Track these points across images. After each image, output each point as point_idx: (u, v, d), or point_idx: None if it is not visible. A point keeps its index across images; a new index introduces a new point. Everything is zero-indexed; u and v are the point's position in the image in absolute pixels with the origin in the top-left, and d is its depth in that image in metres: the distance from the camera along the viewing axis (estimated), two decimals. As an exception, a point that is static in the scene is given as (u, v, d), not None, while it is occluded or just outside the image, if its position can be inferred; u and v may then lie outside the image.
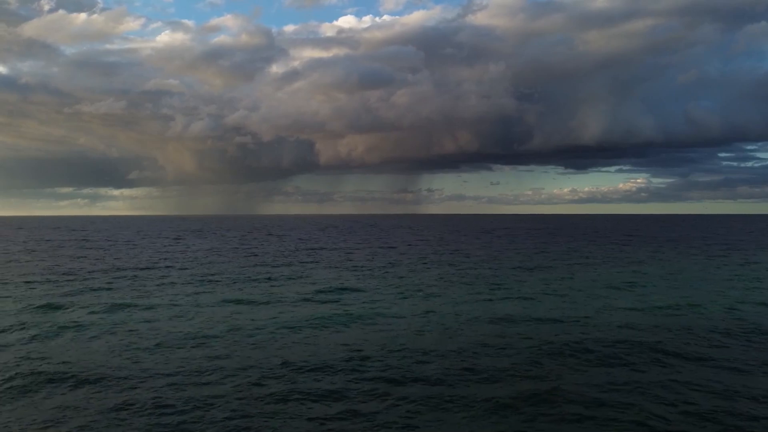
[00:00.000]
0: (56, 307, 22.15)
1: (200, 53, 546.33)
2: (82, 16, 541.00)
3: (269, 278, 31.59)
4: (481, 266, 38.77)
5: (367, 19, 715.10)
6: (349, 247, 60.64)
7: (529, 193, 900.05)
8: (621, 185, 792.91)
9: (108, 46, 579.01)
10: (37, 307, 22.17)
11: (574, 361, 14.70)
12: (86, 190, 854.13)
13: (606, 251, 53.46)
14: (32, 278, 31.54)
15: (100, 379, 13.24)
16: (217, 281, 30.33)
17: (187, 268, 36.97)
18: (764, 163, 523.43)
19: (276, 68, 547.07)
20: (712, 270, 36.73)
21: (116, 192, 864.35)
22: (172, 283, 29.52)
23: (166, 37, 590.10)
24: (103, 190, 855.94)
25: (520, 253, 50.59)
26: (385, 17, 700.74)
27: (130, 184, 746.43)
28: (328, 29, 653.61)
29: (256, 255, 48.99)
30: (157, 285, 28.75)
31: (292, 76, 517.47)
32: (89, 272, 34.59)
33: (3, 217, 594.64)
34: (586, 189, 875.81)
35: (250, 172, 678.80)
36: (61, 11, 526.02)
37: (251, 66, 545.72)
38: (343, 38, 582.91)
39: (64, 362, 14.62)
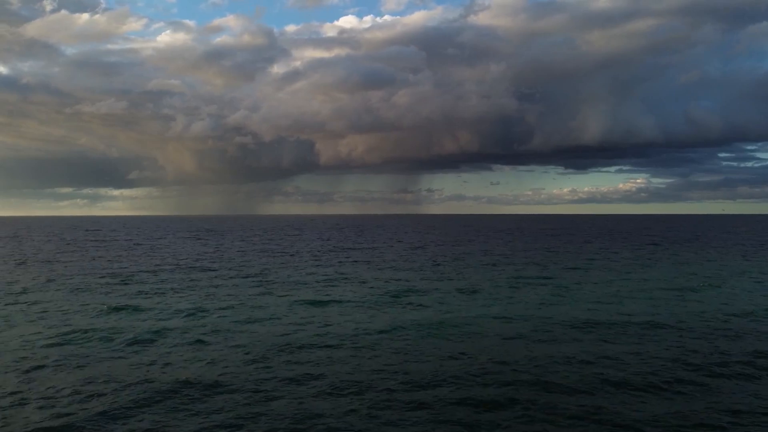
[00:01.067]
0: (137, 309, 21.91)
1: (202, 53, 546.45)
2: (85, 16, 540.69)
3: (329, 279, 31.42)
4: (529, 267, 38.61)
5: (368, 19, 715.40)
6: (377, 246, 60.40)
7: (529, 193, 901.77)
8: (621, 185, 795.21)
9: (109, 46, 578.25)
10: (116, 308, 21.96)
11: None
12: (86, 191, 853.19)
13: (644, 252, 53.36)
14: (91, 279, 31.34)
15: (255, 389, 13.06)
16: (281, 282, 30.12)
17: (234, 268, 36.76)
18: (764, 164, 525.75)
19: (277, 68, 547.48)
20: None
21: (116, 192, 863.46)
22: (234, 284, 29.26)
23: (167, 38, 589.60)
24: (103, 191, 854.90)
25: (559, 254, 50.37)
26: (386, 17, 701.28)
27: (130, 184, 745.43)
28: (329, 29, 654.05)
29: (292, 255, 48.78)
30: (218, 286, 28.54)
31: (294, 76, 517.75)
32: (138, 272, 34.38)
33: (3, 217, 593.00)
34: (586, 189, 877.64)
35: (250, 172, 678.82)
36: (63, 11, 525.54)
37: (253, 66, 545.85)
38: (345, 38, 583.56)
39: (189, 368, 14.45)
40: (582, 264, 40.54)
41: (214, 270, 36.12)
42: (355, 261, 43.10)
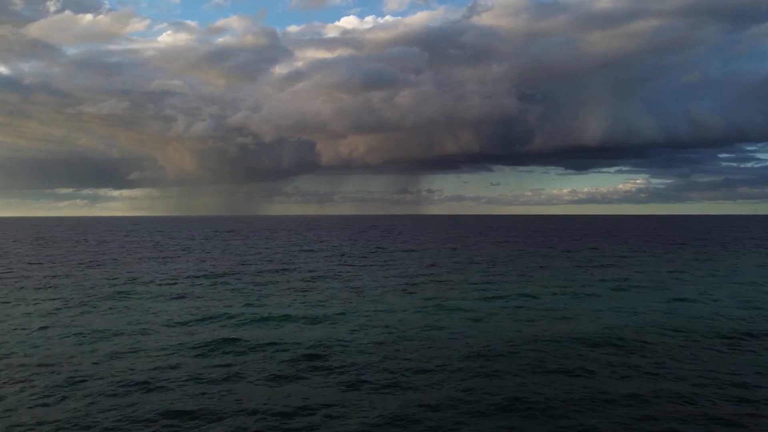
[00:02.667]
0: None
1: (204, 54, 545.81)
2: (88, 17, 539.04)
3: (410, 282, 31.31)
4: (611, 269, 38.61)
5: (370, 20, 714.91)
6: (415, 248, 60.27)
7: (529, 193, 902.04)
8: (621, 186, 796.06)
9: (110, 47, 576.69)
10: (245, 304, 21.86)
11: None
12: (86, 191, 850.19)
13: (674, 253, 53.47)
14: (168, 282, 31.25)
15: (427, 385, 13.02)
16: (369, 285, 30.07)
17: (299, 270, 36.68)
18: (764, 164, 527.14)
19: (279, 69, 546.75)
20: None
21: (116, 193, 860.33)
22: (328, 288, 29.17)
23: (168, 38, 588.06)
24: (102, 191, 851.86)
25: (603, 255, 50.43)
26: (388, 17, 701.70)
27: (130, 184, 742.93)
28: (331, 30, 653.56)
29: (342, 254, 48.68)
30: (306, 290, 28.50)
31: (296, 76, 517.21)
32: (231, 273, 34.25)
33: (2, 217, 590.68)
34: (586, 190, 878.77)
35: (250, 173, 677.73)
36: (67, 12, 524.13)
37: (255, 67, 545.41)
38: (348, 39, 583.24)
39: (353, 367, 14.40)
40: (673, 265, 40.62)
41: (289, 270, 36.05)
42: (427, 263, 43.00)
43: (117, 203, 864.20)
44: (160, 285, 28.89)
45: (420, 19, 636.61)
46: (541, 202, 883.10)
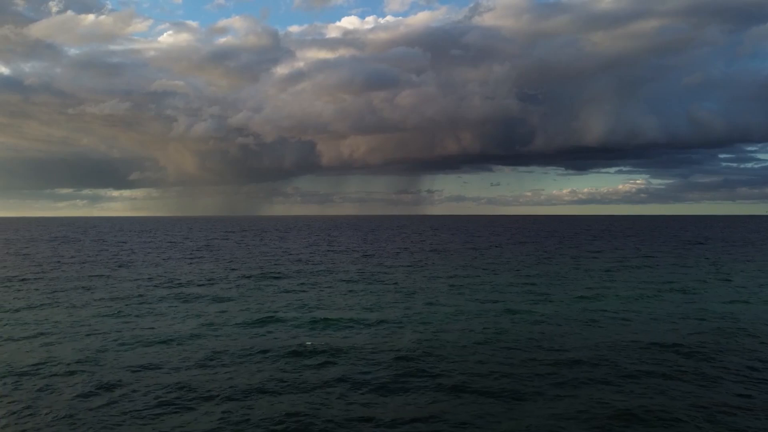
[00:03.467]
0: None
1: (206, 54, 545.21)
2: (90, 17, 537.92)
3: (454, 283, 31.11)
4: (654, 270, 38.46)
5: (370, 20, 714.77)
6: (438, 248, 60.06)
7: (529, 194, 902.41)
8: (620, 186, 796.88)
9: (112, 47, 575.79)
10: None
11: None
12: (86, 191, 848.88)
13: (707, 253, 53.37)
14: (208, 282, 31.00)
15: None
16: (416, 286, 29.84)
17: (336, 271, 36.44)
18: (764, 164, 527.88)
19: (281, 69, 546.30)
20: None
21: (116, 193, 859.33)
22: (379, 291, 28.93)
23: (170, 38, 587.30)
24: (102, 191, 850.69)
25: (631, 255, 50.29)
26: (389, 18, 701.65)
27: (131, 185, 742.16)
28: (332, 30, 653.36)
29: (366, 255, 48.47)
30: (354, 292, 28.31)
31: (297, 77, 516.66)
32: (260, 274, 34.01)
33: (2, 218, 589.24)
34: (586, 190, 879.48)
35: (251, 173, 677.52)
36: (69, 12, 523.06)
37: (257, 67, 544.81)
38: (350, 39, 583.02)
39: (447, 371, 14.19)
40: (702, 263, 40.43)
41: (327, 272, 35.83)
42: (458, 264, 42.79)
43: (117, 203, 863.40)
44: (201, 285, 28.62)
45: (421, 19, 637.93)
46: (540, 202, 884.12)
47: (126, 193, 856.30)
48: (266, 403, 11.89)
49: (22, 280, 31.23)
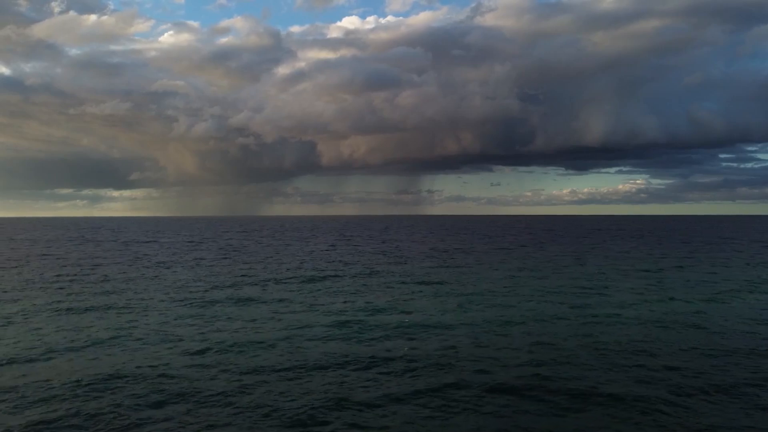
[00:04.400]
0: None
1: (207, 54, 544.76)
2: (92, 17, 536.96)
3: (511, 284, 30.78)
4: (670, 270, 38.20)
5: (371, 20, 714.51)
6: (463, 248, 59.79)
7: (529, 194, 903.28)
8: (620, 186, 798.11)
9: (113, 47, 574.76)
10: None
11: None
12: (86, 191, 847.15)
13: (734, 253, 53.20)
14: (262, 283, 30.67)
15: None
16: (470, 288, 29.51)
17: (385, 273, 36.11)
18: (764, 164, 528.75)
19: (283, 69, 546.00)
20: None
21: (116, 193, 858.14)
22: (444, 293, 28.62)
23: (171, 39, 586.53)
24: (102, 191, 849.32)
25: (663, 256, 50.08)
26: (390, 18, 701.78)
27: (131, 185, 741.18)
28: (333, 30, 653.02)
29: (402, 256, 48.15)
30: (418, 294, 27.84)
31: (298, 77, 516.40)
32: (309, 277, 33.66)
33: (2, 218, 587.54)
34: (586, 190, 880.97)
35: (251, 174, 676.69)
36: (71, 12, 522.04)
37: (258, 67, 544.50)
38: (351, 39, 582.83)
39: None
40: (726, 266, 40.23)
41: (376, 274, 35.39)
42: (494, 264, 42.53)
43: (117, 204, 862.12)
44: (255, 285, 28.25)
45: (422, 19, 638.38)
46: (540, 202, 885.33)
47: (126, 193, 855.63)
48: (375, 416, 11.52)
49: (76, 281, 30.84)
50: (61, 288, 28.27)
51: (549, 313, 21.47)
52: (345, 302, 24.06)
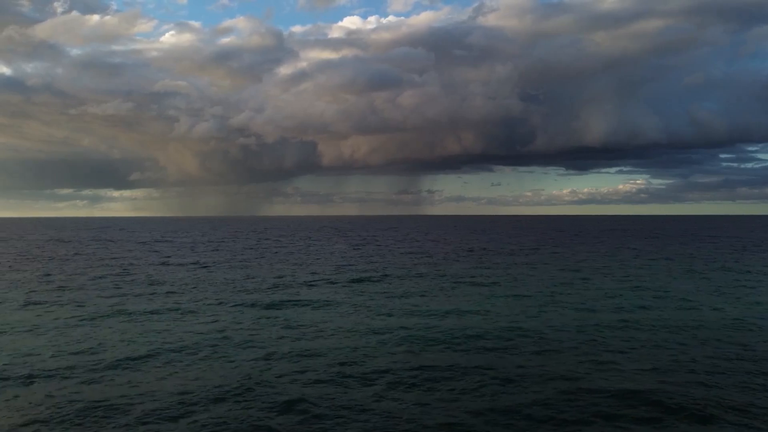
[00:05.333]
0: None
1: (209, 54, 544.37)
2: (95, 17, 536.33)
3: (575, 285, 30.46)
4: (715, 272, 37.95)
5: (372, 20, 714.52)
6: (490, 248, 59.49)
7: (529, 194, 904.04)
8: (621, 186, 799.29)
9: (114, 47, 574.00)
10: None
11: None
12: (86, 192, 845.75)
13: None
14: (308, 284, 30.32)
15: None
16: (527, 288, 29.19)
17: (431, 275, 35.78)
18: (764, 164, 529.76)
19: (284, 69, 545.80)
20: None
21: (116, 193, 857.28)
22: (505, 295, 28.26)
23: (173, 39, 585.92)
24: (103, 192, 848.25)
25: (700, 256, 49.87)
26: (391, 18, 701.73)
27: (131, 185, 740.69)
28: (335, 30, 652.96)
29: (431, 255, 47.86)
30: (474, 296, 27.47)
31: (300, 77, 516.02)
32: (354, 279, 33.31)
33: (2, 218, 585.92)
34: (586, 190, 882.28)
35: (251, 174, 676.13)
36: (74, 12, 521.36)
37: (260, 67, 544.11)
38: (353, 39, 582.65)
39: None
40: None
41: (422, 276, 34.96)
42: (534, 263, 42.21)
43: (117, 204, 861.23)
44: (311, 287, 27.89)
45: (423, 19, 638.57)
46: (540, 202, 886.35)
47: (126, 193, 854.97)
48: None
49: (126, 282, 30.47)
50: (117, 288, 27.90)
51: (650, 317, 20.67)
52: (422, 306, 23.53)
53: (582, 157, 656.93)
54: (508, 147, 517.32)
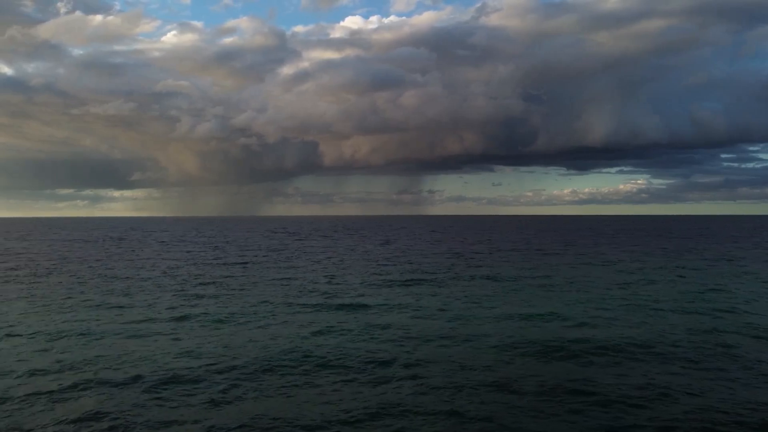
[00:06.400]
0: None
1: (211, 54, 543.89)
2: (98, 18, 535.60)
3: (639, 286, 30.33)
4: (748, 275, 37.86)
5: (374, 20, 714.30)
6: (522, 247, 59.40)
7: (530, 194, 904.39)
8: (621, 186, 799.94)
9: (116, 48, 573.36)
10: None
11: None
12: (86, 192, 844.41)
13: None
14: (372, 286, 30.16)
15: None
16: (584, 289, 29.02)
17: (470, 277, 35.66)
18: (765, 164, 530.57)
19: (287, 69, 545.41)
20: None
21: (117, 193, 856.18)
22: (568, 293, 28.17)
23: (175, 39, 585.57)
24: (103, 192, 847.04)
25: (725, 257, 49.81)
26: (392, 17, 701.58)
27: (132, 185, 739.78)
28: (337, 30, 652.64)
29: (461, 255, 47.73)
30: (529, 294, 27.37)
31: (303, 77, 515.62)
32: (403, 280, 33.15)
33: (2, 218, 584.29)
34: (587, 190, 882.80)
35: (252, 174, 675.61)
36: (77, 13, 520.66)
37: (262, 68, 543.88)
38: (356, 39, 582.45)
39: None
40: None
41: (460, 277, 34.78)
42: (573, 263, 42.07)
43: (118, 204, 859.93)
44: (363, 287, 27.77)
45: (426, 19, 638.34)
46: (541, 202, 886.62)
47: (127, 193, 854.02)
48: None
49: (182, 283, 30.26)
50: (180, 290, 27.68)
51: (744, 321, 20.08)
52: (508, 310, 23.44)
53: (583, 157, 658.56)
54: (509, 147, 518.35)
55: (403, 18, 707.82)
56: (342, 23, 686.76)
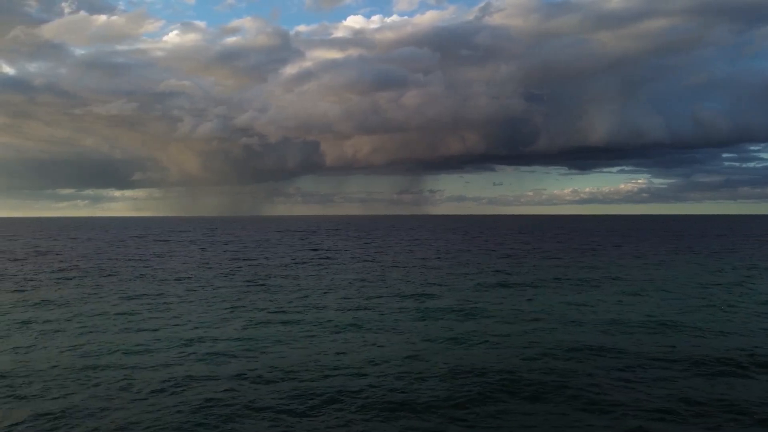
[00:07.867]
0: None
1: (214, 54, 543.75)
2: (102, 18, 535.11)
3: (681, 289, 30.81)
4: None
5: (376, 19, 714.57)
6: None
7: (530, 194, 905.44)
8: (622, 186, 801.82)
9: (119, 47, 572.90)
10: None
11: None
12: (87, 191, 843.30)
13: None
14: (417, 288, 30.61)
15: None
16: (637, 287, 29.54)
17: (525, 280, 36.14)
18: (766, 164, 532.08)
19: (290, 69, 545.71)
20: None
21: (117, 193, 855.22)
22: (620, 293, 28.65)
23: (177, 39, 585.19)
24: (104, 192, 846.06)
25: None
26: (395, 17, 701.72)
27: (133, 185, 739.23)
28: (339, 30, 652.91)
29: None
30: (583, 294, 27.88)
31: (305, 77, 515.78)
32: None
33: (1, 218, 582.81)
34: (587, 190, 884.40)
35: (253, 174, 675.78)
36: (82, 13, 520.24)
37: (265, 67, 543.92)
38: (359, 39, 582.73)
39: None
40: None
41: (508, 276, 35.34)
42: (609, 263, 42.57)
43: (119, 204, 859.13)
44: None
45: (428, 18, 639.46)
46: (542, 202, 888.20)
47: (128, 193, 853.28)
48: None
49: (236, 283, 30.77)
50: (238, 290, 28.24)
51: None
52: (595, 314, 24.00)
53: (584, 157, 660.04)
54: (511, 147, 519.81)
55: (406, 17, 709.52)
56: (345, 23, 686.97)
